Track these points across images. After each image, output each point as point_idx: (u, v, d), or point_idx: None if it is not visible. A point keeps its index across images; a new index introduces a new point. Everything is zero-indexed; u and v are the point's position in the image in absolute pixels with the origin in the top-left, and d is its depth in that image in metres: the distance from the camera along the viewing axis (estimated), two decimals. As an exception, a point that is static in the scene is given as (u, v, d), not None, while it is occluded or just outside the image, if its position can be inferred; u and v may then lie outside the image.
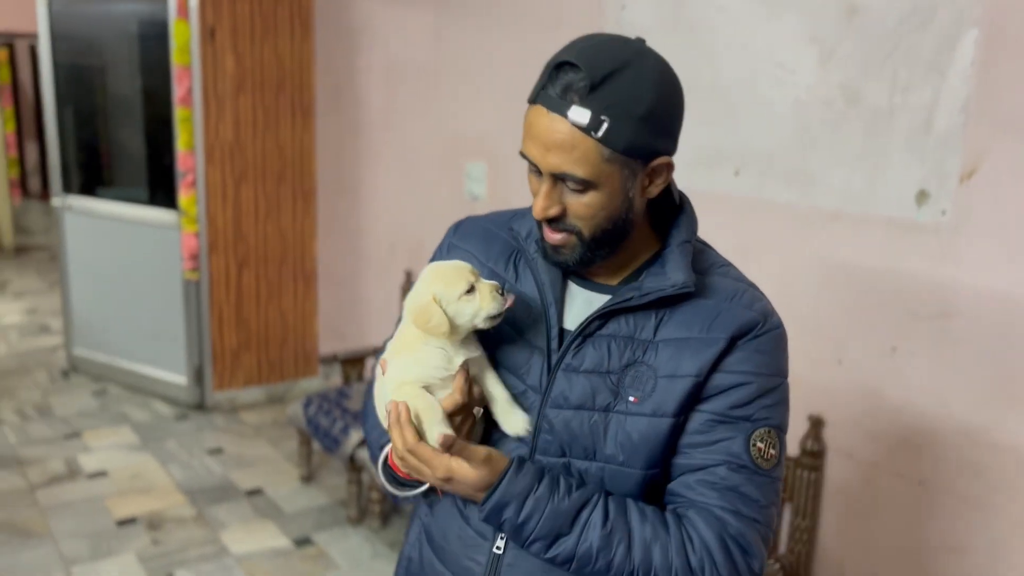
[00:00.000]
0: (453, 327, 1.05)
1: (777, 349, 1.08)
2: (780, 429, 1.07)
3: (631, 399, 1.05)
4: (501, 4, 3.03)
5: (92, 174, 4.63)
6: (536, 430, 1.09)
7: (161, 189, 4.21)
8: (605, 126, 0.96)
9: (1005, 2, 1.72)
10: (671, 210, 1.14)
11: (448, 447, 1.00)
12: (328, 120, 4.18)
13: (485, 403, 1.10)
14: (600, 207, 1.02)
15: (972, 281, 1.83)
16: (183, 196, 3.99)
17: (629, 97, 0.97)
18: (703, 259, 1.12)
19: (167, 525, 3.14)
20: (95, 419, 4.07)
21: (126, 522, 3.15)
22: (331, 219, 4.29)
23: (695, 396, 1.04)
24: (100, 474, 3.52)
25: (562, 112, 0.97)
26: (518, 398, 1.10)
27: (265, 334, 4.34)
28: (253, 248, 4.21)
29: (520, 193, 1.21)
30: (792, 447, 2.17)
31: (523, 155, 1.03)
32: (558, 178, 1.01)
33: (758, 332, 1.06)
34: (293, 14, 4.07)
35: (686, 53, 2.35)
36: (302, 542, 3.09)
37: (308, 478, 3.52)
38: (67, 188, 4.52)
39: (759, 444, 1.04)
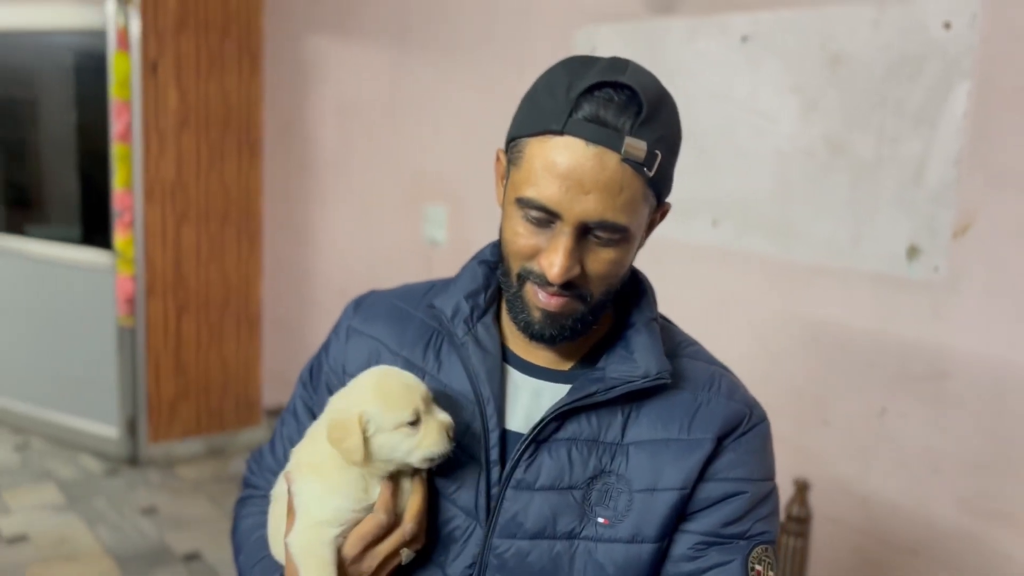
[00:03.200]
0: (370, 459, 0.84)
1: (765, 446, 0.93)
2: (775, 544, 0.91)
3: (600, 520, 0.87)
4: (463, 42, 2.93)
5: (21, 211, 4.37)
6: (481, 566, 0.88)
7: (95, 229, 3.98)
8: (658, 161, 0.79)
9: (997, 54, 1.68)
10: (627, 282, 0.95)
11: None
12: (276, 159, 4.01)
13: (415, 541, 0.88)
14: (621, 264, 0.85)
15: (966, 341, 1.76)
16: (119, 237, 3.76)
17: (673, 128, 0.83)
18: (668, 338, 0.95)
19: (94, 597, 2.89)
20: (15, 476, 3.76)
21: (48, 594, 2.88)
22: (278, 262, 4.10)
23: (680, 512, 0.87)
24: (20, 539, 3.23)
25: (611, 144, 0.77)
26: (443, 524, 0.89)
27: (205, 382, 4.10)
28: (194, 292, 3.99)
29: (486, 238, 1.02)
30: (776, 512, 2.07)
31: (527, 202, 0.81)
32: (587, 229, 0.81)
33: (745, 428, 0.90)
34: (241, 49, 3.91)
35: (660, 99, 2.27)
36: (244, 613, 2.86)
37: (251, 540, 3.29)
38: (-9, 226, 4.26)
39: (758, 567, 0.88)
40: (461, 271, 0.98)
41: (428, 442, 0.84)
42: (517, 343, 0.94)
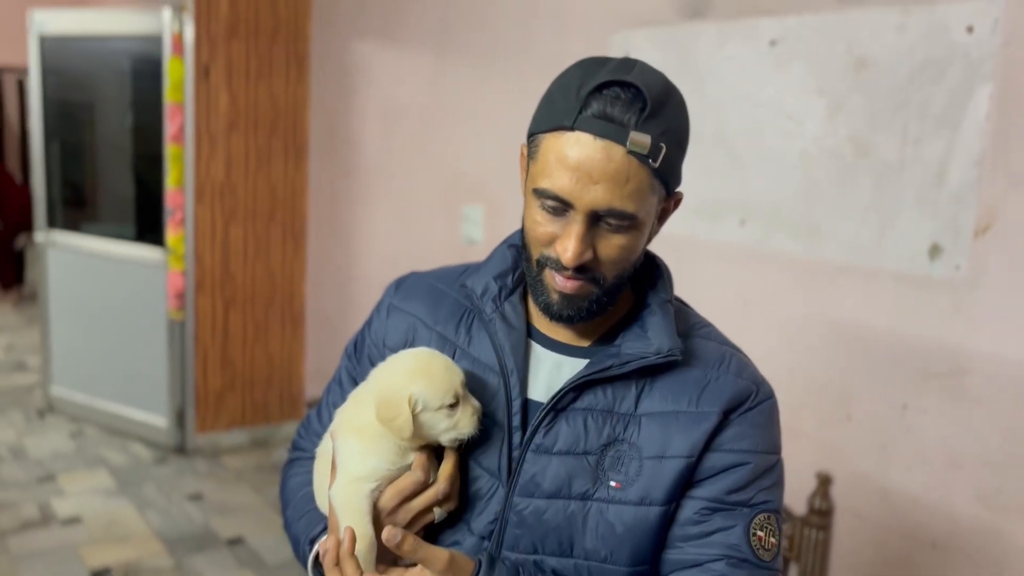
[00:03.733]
0: (415, 434, 0.92)
1: (771, 422, 0.98)
2: (778, 513, 0.97)
3: (612, 484, 0.93)
4: (501, 47, 3.02)
5: (78, 210, 4.56)
6: (503, 522, 0.95)
7: (148, 227, 4.14)
8: (663, 153, 0.86)
9: (1019, 58, 1.71)
10: (646, 266, 1.02)
11: (398, 545, 0.86)
12: (321, 160, 4.14)
13: (448, 501, 0.96)
14: (632, 250, 0.91)
15: (987, 338, 1.79)
16: (171, 234, 3.92)
17: (680, 123, 0.89)
18: (683, 320, 1.01)
19: (143, 576, 3.02)
20: (71, 462, 3.93)
21: (100, 573, 3.02)
22: (321, 260, 4.22)
23: (687, 479, 0.93)
24: (74, 520, 3.39)
25: (619, 139, 0.84)
26: (471, 483, 0.97)
27: (251, 375, 4.25)
28: (241, 288, 4.13)
29: (520, 237, 1.09)
30: (799, 505, 2.11)
31: (542, 192, 0.89)
32: (598, 216, 0.88)
33: (751, 404, 0.96)
34: (289, 54, 4.05)
35: (692, 102, 2.31)
36: (284, 595, 2.97)
37: (291, 527, 3.40)
38: (51, 223, 4.44)
39: (759, 533, 0.93)
40: (492, 254, 1.07)
41: (463, 424, 0.93)
42: (541, 321, 1.01)
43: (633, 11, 2.50)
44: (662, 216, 0.96)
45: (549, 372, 0.98)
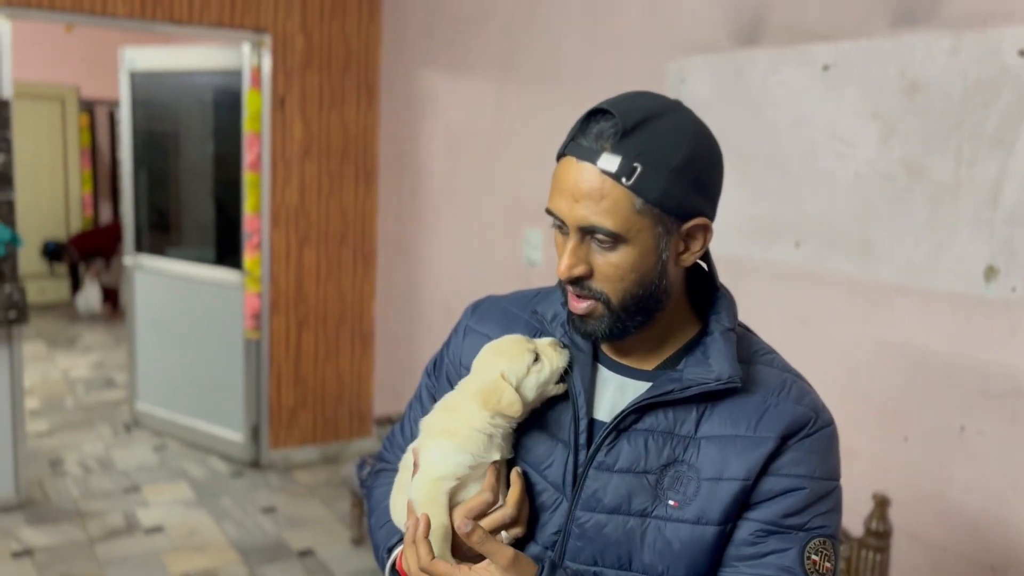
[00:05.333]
0: (527, 403, 1.01)
1: (830, 449, 1.00)
2: (835, 539, 0.98)
3: (671, 503, 0.97)
4: (562, 75, 3.10)
5: (162, 234, 4.80)
6: (565, 534, 1.00)
7: (227, 250, 4.35)
8: (637, 172, 0.91)
9: (1073, 79, 1.71)
10: (712, 293, 1.06)
11: (468, 534, 0.93)
12: (390, 185, 4.29)
13: (515, 526, 1.01)
14: (630, 267, 0.94)
15: (1044, 360, 1.78)
16: (248, 257, 4.11)
17: (664, 145, 0.92)
18: (746, 346, 1.04)
19: (220, 583, 3.16)
20: (154, 474, 4.14)
21: (180, 579, 3.18)
22: (389, 281, 4.36)
23: (743, 502, 0.96)
24: (157, 529, 3.57)
25: (592, 159, 0.92)
26: (536, 495, 1.03)
27: (321, 393, 4.40)
28: (313, 308, 4.30)
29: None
30: (856, 527, 2.11)
31: (549, 212, 0.98)
32: (586, 232, 0.94)
33: (810, 430, 0.98)
34: (360, 84, 4.22)
35: (746, 125, 2.37)
36: (352, 606, 3.07)
37: (359, 540, 3.51)
38: (138, 248, 4.69)
39: (814, 556, 0.95)
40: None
41: (554, 362, 1.01)
42: (609, 345, 1.07)
43: (688, 38, 2.56)
44: (688, 244, 0.98)
45: (614, 394, 1.03)
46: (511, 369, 1.01)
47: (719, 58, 2.46)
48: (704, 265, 1.06)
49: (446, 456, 1.01)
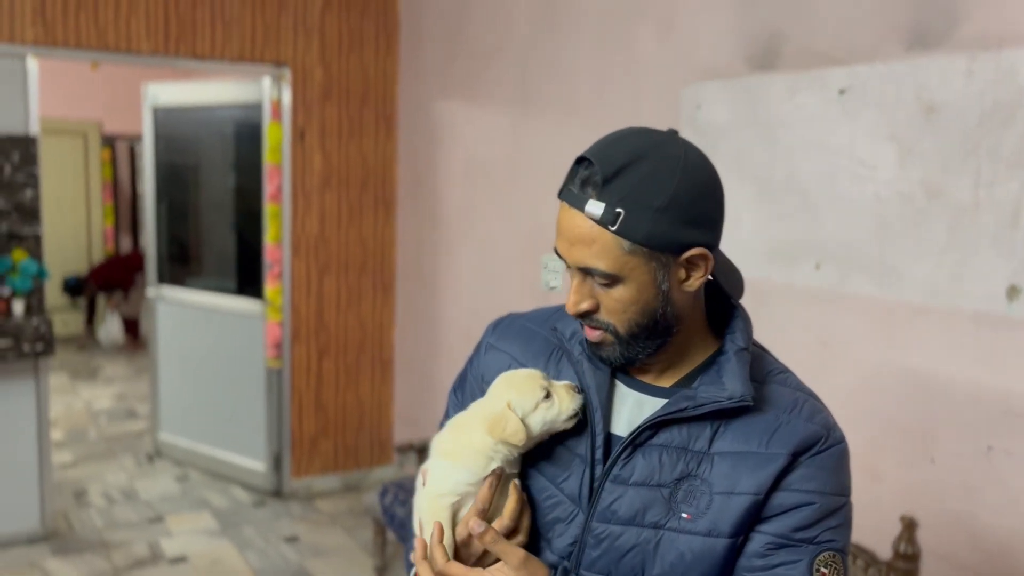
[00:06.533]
0: (530, 436, 1.04)
1: (840, 466, 1.03)
2: (844, 553, 1.01)
3: (684, 515, 1.00)
4: (578, 104, 3.14)
5: (183, 265, 4.86)
6: (581, 544, 1.04)
7: (248, 280, 4.40)
8: (621, 218, 0.95)
9: (1090, 99, 1.73)
10: (731, 311, 1.09)
11: (480, 535, 1.00)
12: (409, 214, 4.33)
13: (515, 535, 1.06)
14: (631, 301, 0.99)
15: (1070, 379, 1.78)
16: (269, 287, 4.15)
17: (645, 188, 0.96)
18: (760, 366, 1.07)
19: (244, 613, 3.16)
20: (177, 504, 4.16)
21: (205, 609, 3.18)
22: (409, 308, 4.39)
23: (754, 515, 0.99)
24: (181, 559, 3.58)
25: (580, 206, 0.97)
26: (552, 508, 1.07)
27: (342, 421, 4.42)
28: (334, 337, 4.33)
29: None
30: (884, 549, 2.09)
31: (555, 251, 1.04)
32: (586, 272, 1.00)
33: (821, 447, 1.01)
34: (378, 115, 4.28)
35: (763, 149, 2.39)
36: (376, 635, 3.06)
37: (382, 569, 3.51)
38: (160, 279, 4.75)
39: (823, 570, 0.98)
40: None
41: (565, 404, 1.04)
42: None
43: (703, 64, 2.59)
44: (690, 272, 1.01)
45: (631, 409, 1.07)
46: (519, 402, 1.05)
47: (734, 83, 2.48)
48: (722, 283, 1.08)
49: (448, 475, 1.06)
